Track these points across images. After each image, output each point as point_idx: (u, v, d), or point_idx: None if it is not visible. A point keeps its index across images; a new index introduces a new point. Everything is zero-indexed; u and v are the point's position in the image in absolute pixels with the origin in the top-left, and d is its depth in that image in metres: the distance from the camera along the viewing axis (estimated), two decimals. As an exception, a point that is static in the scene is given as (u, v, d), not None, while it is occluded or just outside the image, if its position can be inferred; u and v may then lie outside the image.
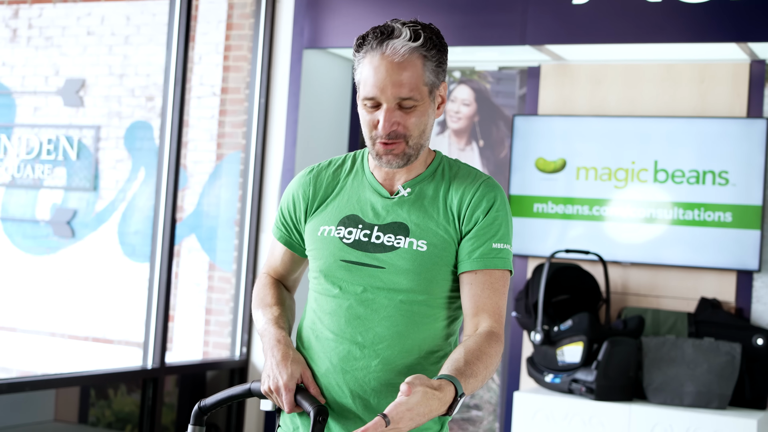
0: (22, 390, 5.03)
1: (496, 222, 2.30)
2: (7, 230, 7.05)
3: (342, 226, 2.37)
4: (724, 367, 5.10)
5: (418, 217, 2.32)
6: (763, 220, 5.38)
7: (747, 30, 4.99)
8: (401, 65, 2.20)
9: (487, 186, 2.34)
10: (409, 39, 2.21)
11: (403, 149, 2.25)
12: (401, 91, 2.19)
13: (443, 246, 2.30)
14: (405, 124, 2.22)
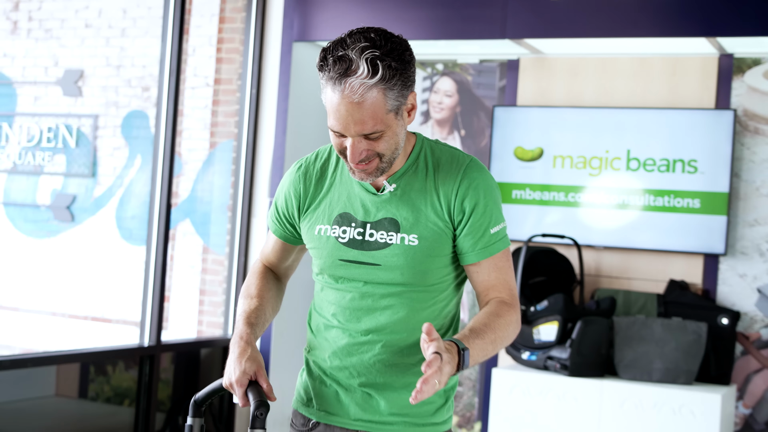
0: (24, 366, 5.05)
1: (487, 209, 2.28)
2: (9, 214, 7.02)
3: (336, 225, 2.34)
4: (690, 345, 5.15)
5: (408, 212, 2.29)
6: (729, 207, 5.41)
7: (716, 25, 5.02)
8: (360, 104, 2.09)
9: (470, 172, 2.29)
10: (366, 76, 2.07)
11: (376, 165, 2.19)
12: (364, 128, 2.11)
13: (434, 238, 2.28)
14: (374, 149, 2.17)
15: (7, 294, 7.06)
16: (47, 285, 6.94)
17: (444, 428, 2.38)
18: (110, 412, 5.62)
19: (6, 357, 5.01)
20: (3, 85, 7.14)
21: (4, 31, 7.16)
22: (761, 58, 5.47)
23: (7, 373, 4.99)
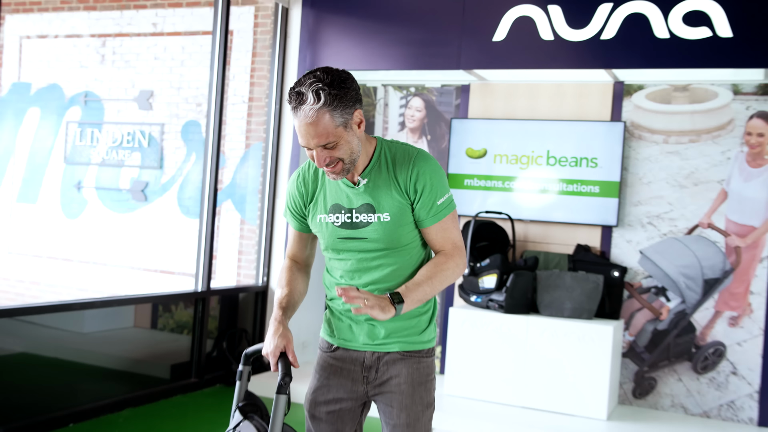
0: (111, 306, 5.13)
1: (433, 188, 2.29)
2: (99, 196, 7.00)
3: (331, 213, 2.35)
4: (591, 291, 5.18)
5: (378, 197, 2.30)
6: (620, 192, 5.42)
7: (611, 61, 5.01)
8: (313, 123, 2.13)
9: (418, 162, 2.30)
10: (313, 102, 2.12)
11: (341, 167, 2.22)
12: (320, 141, 2.15)
13: (400, 213, 2.29)
14: (333, 155, 2.19)
15: (98, 253, 7.04)
16: (127, 247, 6.93)
17: (429, 345, 2.39)
18: (173, 339, 5.61)
19: (98, 299, 5.05)
20: (94, 101, 7.09)
21: (95, 62, 7.11)
22: (644, 84, 5.46)
23: (99, 311, 5.07)
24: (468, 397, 5.29)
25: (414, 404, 2.33)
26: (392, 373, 2.35)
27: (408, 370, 2.35)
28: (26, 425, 4.31)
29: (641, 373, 5.46)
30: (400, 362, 2.35)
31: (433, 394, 2.41)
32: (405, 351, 2.36)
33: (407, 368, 2.35)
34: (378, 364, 2.37)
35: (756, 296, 5.17)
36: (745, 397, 5.17)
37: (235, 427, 2.33)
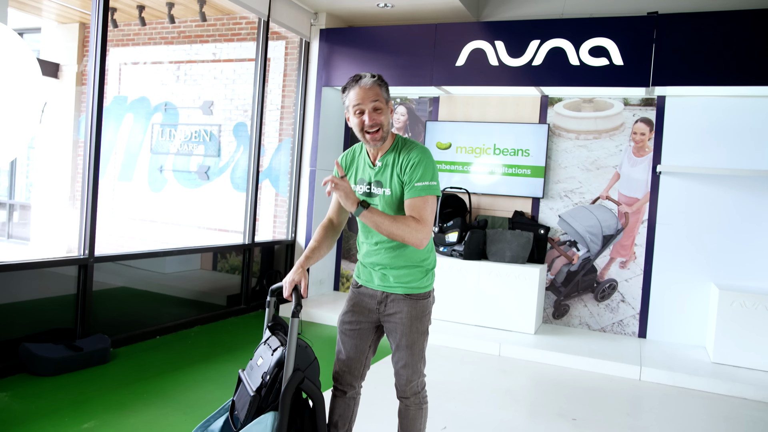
0: (184, 254, 5.14)
1: (416, 171, 2.20)
2: (175, 176, 6.98)
3: (358, 185, 2.33)
4: (524, 243, 5.21)
5: (386, 176, 2.26)
6: (545, 174, 5.42)
7: (539, 81, 5.00)
8: (371, 88, 2.17)
9: (415, 151, 2.24)
10: (371, 77, 2.19)
11: (380, 135, 2.21)
12: (373, 101, 2.17)
13: (398, 190, 2.24)
14: (378, 119, 2.19)
15: (175, 217, 7.06)
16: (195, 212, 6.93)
17: (425, 290, 2.34)
18: (228, 278, 5.59)
19: (175, 249, 5.04)
20: (172, 109, 7.06)
21: (172, 81, 7.06)
22: (562, 97, 5.46)
23: (175, 257, 5.07)
24: (438, 318, 5.31)
25: (412, 332, 2.31)
26: (397, 309, 2.32)
27: (408, 308, 2.31)
28: (127, 336, 4.39)
29: (558, 301, 5.51)
30: (403, 301, 2.32)
31: (427, 325, 2.36)
32: (406, 293, 2.32)
33: (407, 306, 2.31)
34: (387, 300, 2.33)
35: (639, 247, 5.21)
36: (630, 318, 5.26)
37: (266, 340, 2.32)
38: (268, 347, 2.25)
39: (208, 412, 3.15)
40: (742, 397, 4.10)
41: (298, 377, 2.13)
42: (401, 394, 2.38)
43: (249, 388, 2.17)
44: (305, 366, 2.17)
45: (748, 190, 4.87)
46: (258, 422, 2.05)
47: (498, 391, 3.92)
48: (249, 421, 2.07)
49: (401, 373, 2.34)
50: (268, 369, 2.15)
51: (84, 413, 3.12)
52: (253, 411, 2.09)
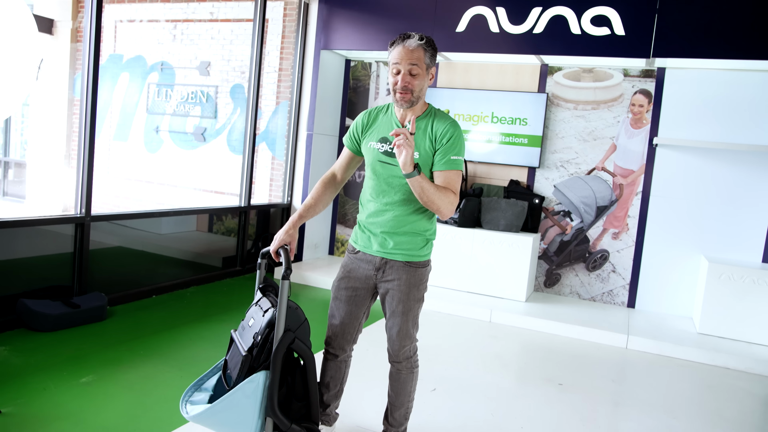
0: (180, 215, 5.15)
1: (453, 144, 2.20)
2: (171, 137, 6.95)
3: (380, 143, 2.29)
4: (519, 212, 5.23)
5: (416, 140, 2.22)
6: (542, 143, 5.42)
7: (539, 49, 4.98)
8: (414, 50, 2.14)
9: (451, 123, 2.23)
10: (419, 39, 2.15)
11: (410, 97, 2.18)
12: (412, 62, 2.14)
13: (426, 155, 2.22)
14: (412, 83, 2.17)
15: (171, 178, 7.06)
16: (191, 174, 6.92)
17: (424, 258, 2.34)
18: (224, 240, 5.63)
19: (171, 209, 5.06)
20: (168, 69, 7.00)
21: (168, 40, 6.98)
22: (562, 66, 5.44)
23: (171, 218, 5.09)
24: (431, 284, 5.35)
25: (408, 299, 2.32)
26: (395, 276, 2.31)
27: (406, 275, 2.31)
28: (123, 295, 4.44)
29: (550, 270, 5.57)
30: (402, 269, 2.31)
31: (423, 293, 2.37)
32: (405, 261, 2.31)
33: (406, 274, 2.31)
34: (385, 267, 2.32)
35: (632, 219, 5.26)
36: (620, 288, 5.34)
37: (257, 301, 2.35)
38: (260, 308, 2.29)
39: (202, 369, 3.23)
40: (725, 367, 4.21)
41: (289, 337, 2.18)
42: (393, 359, 2.43)
43: (241, 348, 2.23)
44: (296, 327, 2.22)
45: (742, 164, 4.91)
46: (250, 381, 2.11)
47: (487, 356, 4.01)
48: (241, 379, 2.13)
49: (395, 339, 2.38)
50: (259, 329, 2.20)
51: (82, 368, 3.19)
52: (245, 370, 2.14)
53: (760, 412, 3.53)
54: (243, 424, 2.13)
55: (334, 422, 2.62)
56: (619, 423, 3.18)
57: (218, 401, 2.08)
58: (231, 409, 2.10)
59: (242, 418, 2.12)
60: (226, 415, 2.10)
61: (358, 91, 6.23)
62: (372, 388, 3.13)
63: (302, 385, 2.27)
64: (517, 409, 3.18)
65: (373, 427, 2.76)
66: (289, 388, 2.25)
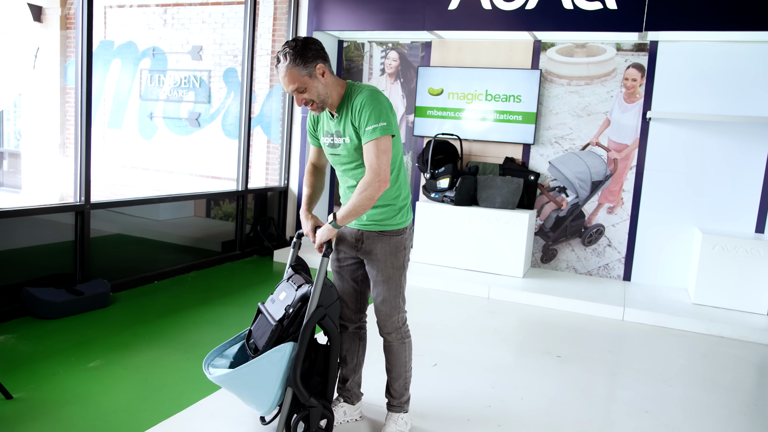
0: (178, 200, 5.17)
1: (363, 116, 2.19)
2: (166, 123, 6.96)
3: (325, 136, 2.37)
4: (515, 189, 5.27)
5: (344, 126, 2.27)
6: (536, 120, 5.44)
7: (532, 25, 4.98)
8: (285, 76, 2.17)
9: (360, 95, 2.22)
10: (283, 61, 2.16)
11: (315, 106, 2.25)
12: (291, 87, 2.18)
13: (354, 137, 2.25)
14: (306, 98, 2.22)
15: (167, 164, 7.07)
16: (187, 159, 6.92)
17: (398, 227, 2.39)
18: (222, 224, 5.67)
19: (168, 195, 5.07)
20: (160, 54, 6.99)
21: (159, 25, 6.96)
22: (555, 42, 5.45)
23: (169, 204, 5.11)
24: (429, 263, 5.44)
25: (387, 267, 2.38)
26: (372, 246, 2.39)
27: (381, 244, 2.37)
28: (125, 281, 4.49)
29: (547, 245, 5.63)
30: (377, 238, 2.38)
31: (402, 260, 2.40)
32: (380, 231, 2.38)
33: (382, 243, 2.37)
34: (363, 238, 2.40)
35: (626, 193, 5.31)
36: (616, 261, 5.41)
37: (289, 278, 2.44)
38: (292, 284, 2.39)
39: (207, 351, 3.30)
40: (719, 336, 4.30)
41: (320, 313, 2.28)
42: (383, 331, 2.49)
43: (270, 318, 2.32)
44: (328, 304, 2.32)
45: (734, 136, 4.96)
46: (277, 350, 2.21)
47: (486, 331, 4.09)
48: (269, 347, 2.22)
49: (381, 309, 2.45)
50: (292, 302, 2.30)
51: (89, 353, 3.26)
52: (273, 339, 2.24)
53: (754, 378, 3.63)
54: (264, 390, 2.23)
55: (358, 402, 2.69)
56: (616, 392, 3.28)
57: (244, 365, 2.17)
58: (255, 374, 2.19)
59: (264, 384, 2.22)
60: (250, 379, 2.19)
61: (352, 71, 6.24)
62: (374, 362, 3.21)
63: (324, 362, 2.36)
64: (516, 381, 3.27)
65: (377, 401, 2.85)
66: (312, 363, 2.34)
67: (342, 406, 2.66)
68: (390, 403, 2.59)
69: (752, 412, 3.11)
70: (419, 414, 2.80)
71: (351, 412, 2.67)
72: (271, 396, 2.25)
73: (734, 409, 3.13)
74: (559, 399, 3.09)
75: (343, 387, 2.66)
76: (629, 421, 2.91)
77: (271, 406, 2.29)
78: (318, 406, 2.34)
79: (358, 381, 2.68)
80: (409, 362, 2.56)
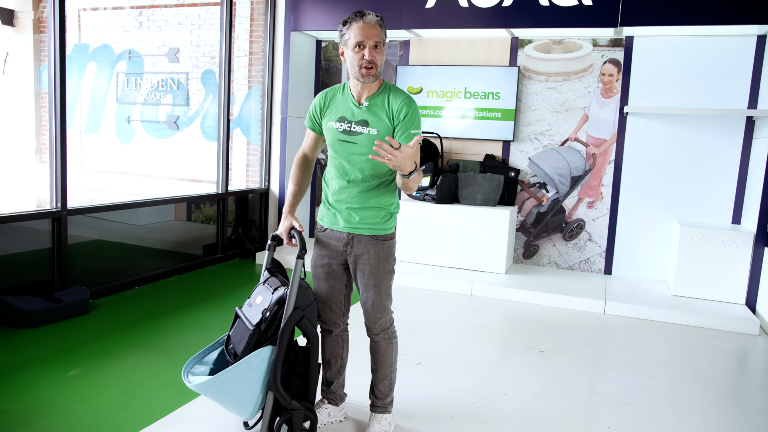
0: (158, 204, 5.12)
1: (411, 118, 2.26)
2: (144, 126, 6.90)
3: (338, 122, 2.33)
4: (495, 186, 5.30)
5: (372, 116, 2.28)
6: (515, 117, 5.48)
7: (509, 22, 5.00)
8: (375, 26, 2.20)
9: (407, 98, 2.29)
10: (376, 16, 2.21)
11: (374, 72, 2.23)
12: (376, 38, 2.20)
13: (385, 131, 2.26)
14: (376, 57, 2.22)
15: (146, 168, 7.02)
16: (166, 163, 6.88)
17: (389, 231, 2.41)
18: (203, 228, 5.64)
19: (148, 200, 5.03)
20: (136, 56, 6.92)
21: (135, 27, 6.89)
22: (532, 39, 5.48)
23: (149, 208, 5.07)
24: (412, 261, 5.45)
25: (379, 272, 2.38)
26: (363, 250, 2.37)
27: (374, 249, 2.36)
28: (105, 287, 4.44)
29: (528, 241, 5.66)
30: (369, 242, 2.36)
31: (393, 265, 2.43)
32: (372, 235, 2.37)
33: (374, 247, 2.36)
34: (353, 241, 2.37)
35: (605, 187, 5.36)
36: (596, 256, 5.46)
37: (265, 281, 2.42)
38: (268, 287, 2.37)
39: (189, 356, 3.27)
40: (699, 326, 4.36)
41: (298, 315, 2.27)
42: (371, 332, 2.50)
43: (248, 323, 2.30)
44: (305, 306, 2.31)
45: (709, 129, 5.03)
46: (256, 354, 2.19)
47: (470, 328, 4.11)
48: (247, 353, 2.21)
49: (370, 312, 2.45)
50: (268, 306, 2.28)
51: (69, 361, 3.22)
52: (251, 344, 2.23)
53: (732, 367, 3.69)
54: (245, 395, 2.21)
55: (342, 403, 2.69)
56: (598, 384, 3.31)
57: (223, 372, 2.15)
58: (235, 380, 2.17)
59: (245, 390, 2.20)
60: (230, 386, 2.17)
61: (330, 71, 6.22)
62: (358, 363, 3.20)
63: (304, 364, 2.35)
64: (500, 378, 3.29)
65: (361, 402, 2.84)
66: (292, 365, 2.33)
67: (326, 407, 2.65)
68: (374, 403, 2.59)
69: (731, 400, 3.16)
70: (403, 413, 2.80)
71: (335, 413, 2.67)
72: (253, 401, 2.24)
73: (713, 398, 3.18)
74: (542, 393, 3.12)
75: (327, 389, 2.65)
76: (611, 413, 2.94)
77: (252, 411, 2.28)
78: (300, 408, 2.33)
79: (342, 382, 2.68)
80: (394, 363, 2.56)
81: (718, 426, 2.86)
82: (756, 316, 4.52)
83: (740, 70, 4.89)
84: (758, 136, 4.80)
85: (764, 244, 4.57)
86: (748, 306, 4.64)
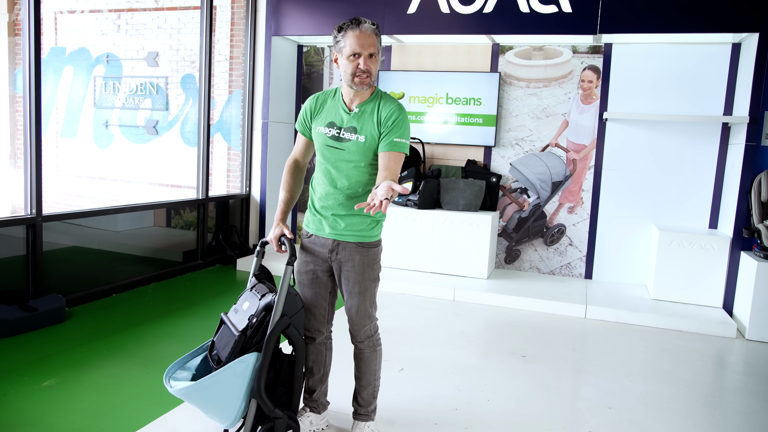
0: (136, 210, 5.06)
1: (397, 126, 2.24)
2: (122, 131, 6.82)
3: (327, 128, 2.33)
4: (477, 192, 5.31)
5: (362, 123, 2.27)
6: (496, 122, 5.50)
7: (490, 28, 5.03)
8: (371, 36, 2.19)
9: (396, 106, 2.28)
10: (371, 24, 2.20)
11: (369, 81, 2.23)
12: (371, 49, 2.19)
13: (372, 139, 2.26)
14: (371, 67, 2.21)
15: (124, 173, 6.93)
16: (145, 168, 6.80)
17: (375, 239, 2.40)
18: (183, 234, 5.59)
19: (126, 206, 4.96)
20: (114, 60, 6.84)
21: (113, 31, 6.81)
22: (513, 45, 5.51)
23: (127, 215, 5.02)
24: (394, 267, 5.44)
25: (364, 279, 2.37)
26: (349, 257, 2.36)
27: (360, 256, 2.35)
28: (82, 295, 4.37)
29: (510, 247, 5.68)
30: (354, 249, 2.35)
31: (378, 273, 2.42)
32: (357, 242, 2.36)
33: (359, 254, 2.35)
34: (338, 248, 2.36)
35: (586, 193, 5.41)
36: (577, 260, 5.50)
37: (252, 287, 2.39)
38: (256, 293, 2.34)
39: (169, 364, 3.21)
40: (678, 330, 4.41)
41: (285, 322, 2.24)
42: (356, 339, 2.49)
43: (233, 329, 2.27)
44: (292, 313, 2.28)
45: (686, 135, 5.10)
46: (241, 360, 2.16)
47: (452, 333, 4.10)
48: (232, 359, 2.17)
49: (355, 319, 2.44)
50: (255, 312, 2.25)
51: (43, 371, 3.14)
52: (237, 350, 2.19)
53: (711, 370, 3.73)
54: (228, 402, 2.17)
55: (324, 411, 2.66)
56: (580, 389, 3.32)
57: (206, 377, 2.11)
58: (218, 386, 2.13)
59: (228, 396, 2.16)
60: (212, 392, 2.13)
61: (312, 77, 6.20)
62: (340, 370, 3.17)
63: (288, 372, 2.32)
64: (482, 383, 3.28)
65: (343, 409, 2.81)
66: (276, 373, 2.30)
67: (308, 415, 2.62)
68: (357, 411, 2.57)
69: (710, 403, 3.19)
70: (386, 420, 2.78)
71: (317, 421, 2.64)
72: (235, 408, 2.20)
73: (693, 401, 3.20)
74: (524, 398, 3.11)
75: (309, 398, 2.62)
76: (593, 417, 2.94)
77: (235, 418, 2.24)
78: (283, 417, 2.29)
79: (324, 390, 2.65)
80: (378, 371, 2.55)
81: (697, 428, 2.88)
82: (733, 319, 4.58)
83: (716, 77, 4.96)
84: (734, 142, 4.87)
85: (740, 249, 4.64)
86: (725, 309, 4.70)
